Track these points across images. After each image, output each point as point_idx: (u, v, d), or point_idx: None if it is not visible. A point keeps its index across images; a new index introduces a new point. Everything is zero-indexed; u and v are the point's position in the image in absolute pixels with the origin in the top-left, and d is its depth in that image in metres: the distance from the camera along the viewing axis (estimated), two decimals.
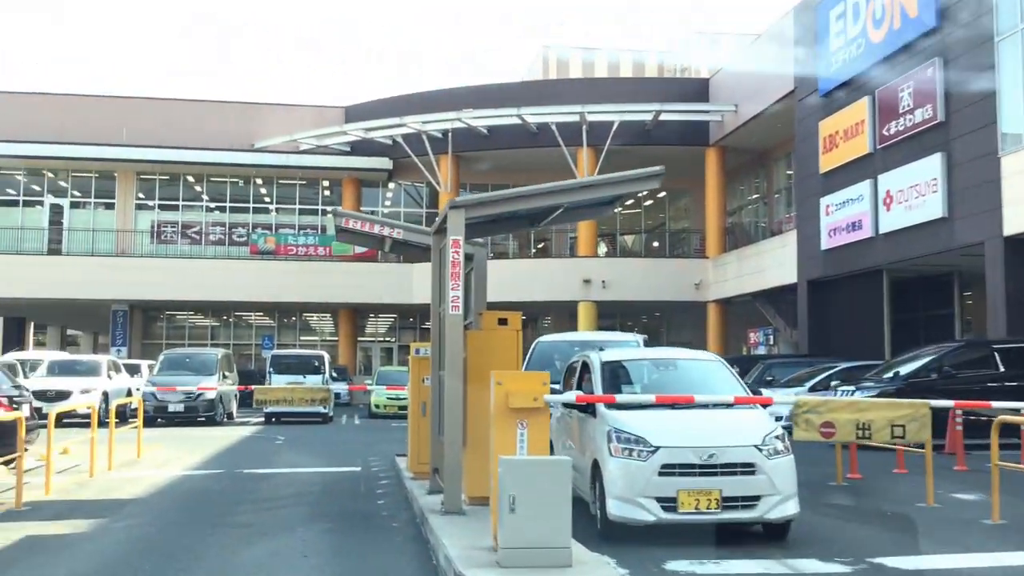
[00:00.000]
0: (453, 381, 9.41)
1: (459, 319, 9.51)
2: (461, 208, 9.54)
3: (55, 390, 23.09)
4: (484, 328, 10.26)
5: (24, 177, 37.38)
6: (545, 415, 7.61)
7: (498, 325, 10.21)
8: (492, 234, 17.55)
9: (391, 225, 12.03)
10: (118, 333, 37.14)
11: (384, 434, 21.57)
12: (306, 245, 37.02)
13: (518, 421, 7.53)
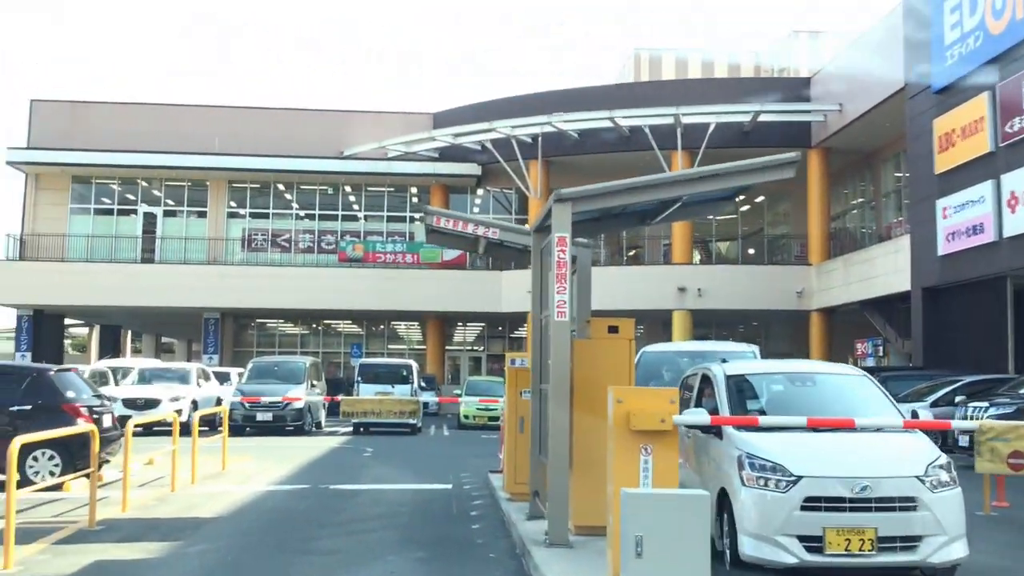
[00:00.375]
0: (558, 396, 8.33)
1: (566, 326, 8.44)
2: (568, 202, 8.47)
3: (144, 398, 22.77)
4: (592, 337, 9.18)
5: (119, 186, 37.65)
6: (674, 440, 6.48)
7: (608, 333, 9.10)
8: (599, 233, 16.29)
9: (486, 224, 11.02)
10: (210, 341, 37.08)
11: (474, 447, 20.61)
12: (394, 252, 36.43)
13: (641, 446, 6.41)
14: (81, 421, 13.14)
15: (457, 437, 23.90)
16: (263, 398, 22.82)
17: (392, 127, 37.27)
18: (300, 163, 36.43)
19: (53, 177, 36.95)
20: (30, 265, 35.28)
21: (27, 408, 12.95)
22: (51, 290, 34.67)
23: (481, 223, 11.03)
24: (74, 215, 37.31)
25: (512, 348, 40.24)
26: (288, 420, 22.81)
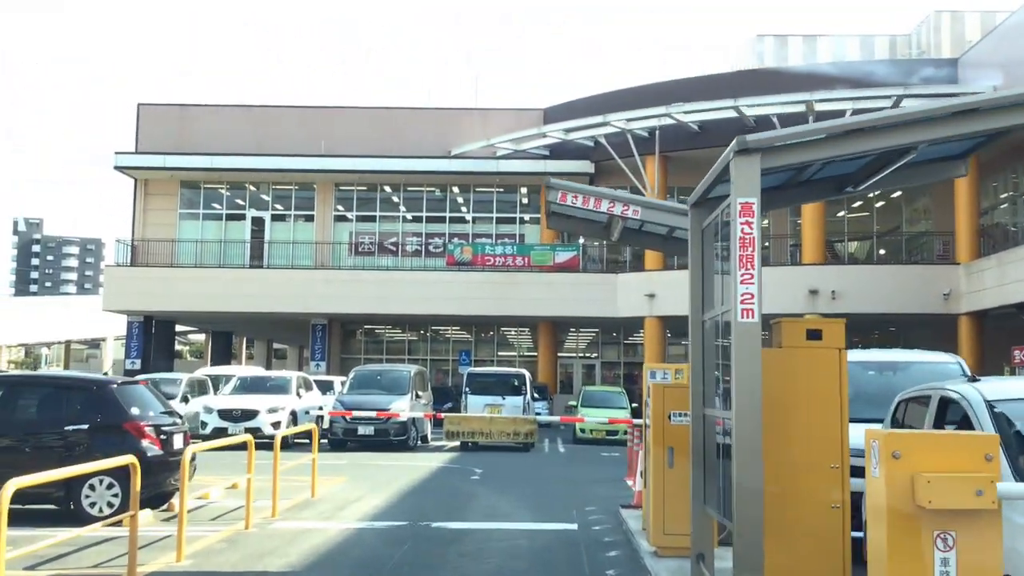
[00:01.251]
0: (748, 432, 5.62)
1: (754, 331, 5.76)
2: (755, 154, 5.78)
3: (241, 409, 20.88)
4: (784, 344, 6.44)
5: (226, 191, 36.37)
6: (995, 524, 3.69)
7: (807, 340, 6.37)
8: (774, 207, 13.02)
9: (624, 200, 8.37)
10: (317, 347, 35.41)
11: (596, 468, 17.94)
12: (504, 255, 34.06)
13: (937, 534, 3.67)
14: (146, 442, 11.05)
15: (574, 454, 21.28)
16: (364, 410, 20.66)
17: (501, 125, 34.99)
18: (407, 163, 34.46)
19: (161, 182, 35.90)
20: (140, 271, 34.26)
21: (83, 428, 10.90)
22: (160, 296, 33.54)
23: (618, 199, 8.38)
24: (183, 220, 36.17)
25: (627, 355, 37.47)
26: (391, 434, 20.59)
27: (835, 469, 6.21)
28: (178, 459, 11.35)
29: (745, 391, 5.69)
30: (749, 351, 5.73)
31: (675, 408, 8.48)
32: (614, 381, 36.91)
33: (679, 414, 8.44)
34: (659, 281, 32.61)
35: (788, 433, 6.19)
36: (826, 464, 6.20)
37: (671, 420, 8.56)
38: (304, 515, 11.55)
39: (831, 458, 6.21)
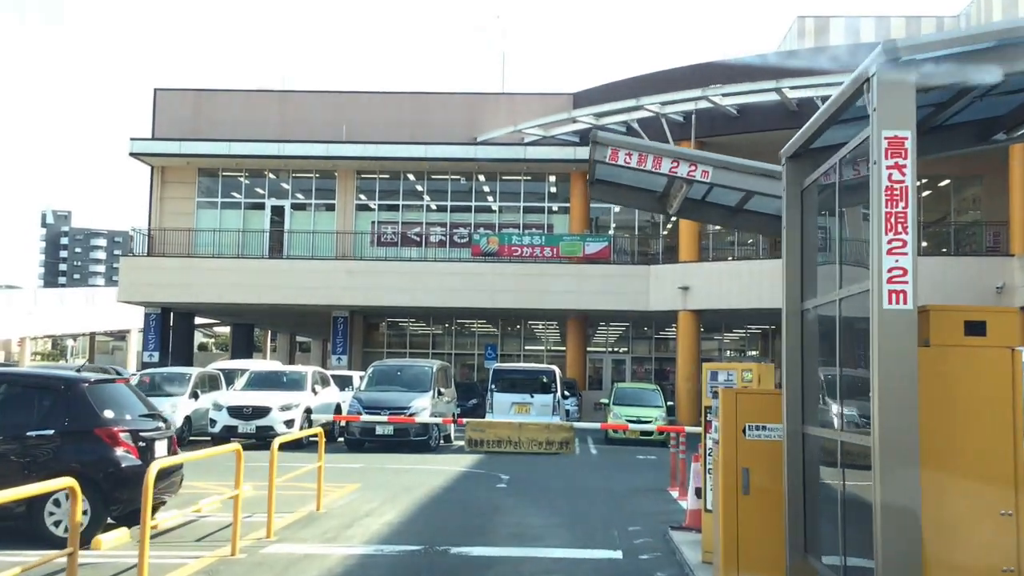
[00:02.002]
0: (897, 464, 3.82)
1: (908, 322, 3.95)
2: (910, 68, 3.95)
3: (252, 406, 19.27)
4: (933, 341, 4.65)
5: (245, 179, 34.82)
6: None
7: (965, 337, 4.56)
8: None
9: (692, 159, 6.57)
10: (338, 341, 33.80)
11: (633, 474, 16.15)
12: (531, 246, 32.26)
13: None
14: (121, 450, 9.40)
15: (607, 456, 19.48)
16: (384, 409, 18.99)
17: (529, 110, 33.18)
18: (431, 150, 32.73)
19: (178, 170, 34.40)
20: (157, 261, 32.78)
21: (48, 433, 9.25)
22: (178, 287, 32.06)
23: (685, 156, 6.59)
24: (200, 209, 34.65)
25: (659, 350, 35.59)
26: (411, 434, 18.87)
27: (1008, 517, 4.40)
28: (164, 470, 9.69)
29: (893, 406, 3.91)
30: (899, 349, 3.94)
31: (753, 420, 6.69)
32: (644, 377, 35.07)
33: (758, 427, 6.65)
34: (694, 273, 30.71)
35: (939, 468, 4.38)
36: (995, 511, 4.39)
37: (746, 435, 6.76)
38: (304, 535, 9.86)
39: (1002, 502, 4.40)
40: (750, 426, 6.72)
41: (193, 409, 20.28)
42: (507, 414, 19.37)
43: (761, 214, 7.73)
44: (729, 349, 36.45)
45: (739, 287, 29.98)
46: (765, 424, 6.67)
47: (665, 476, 15.28)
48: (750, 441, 6.71)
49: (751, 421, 6.71)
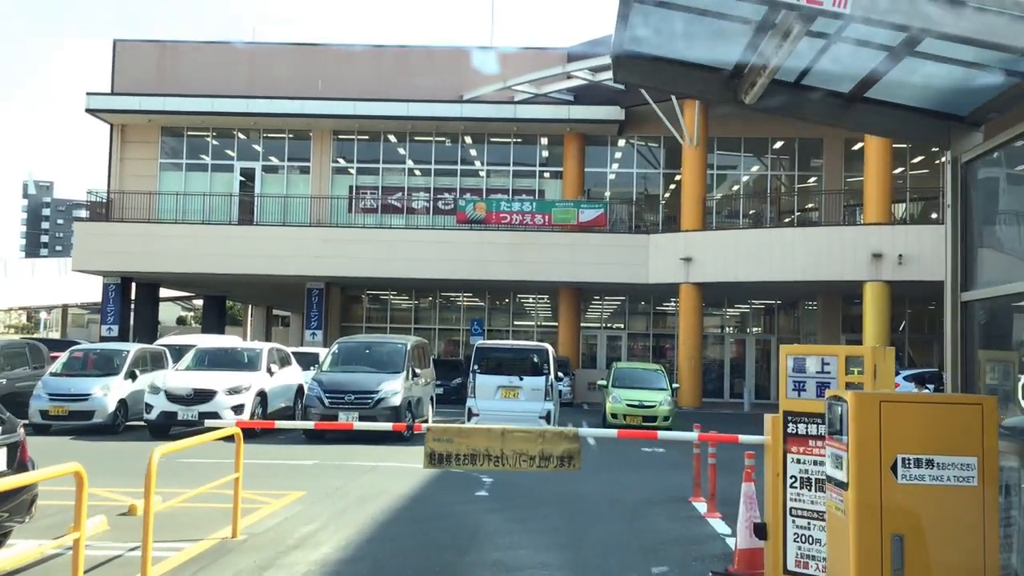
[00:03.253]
0: None
1: None
2: None
3: (194, 389, 16.17)
4: None
5: (213, 139, 31.59)
6: None
7: None
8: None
9: None
10: (313, 315, 30.73)
11: (643, 474, 13.18)
12: (521, 213, 29.19)
13: None
14: None
15: (608, 448, 16.55)
16: (348, 393, 16.00)
17: (520, 65, 29.97)
18: (413, 108, 29.56)
19: (140, 128, 31.14)
20: (115, 227, 29.58)
21: None
22: (139, 255, 28.91)
23: None
24: (164, 171, 31.46)
25: (656, 326, 32.65)
26: (379, 421, 15.91)
27: None
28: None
29: None
30: None
31: (913, 448, 3.68)
32: (641, 354, 32.14)
33: (924, 462, 3.64)
34: (697, 243, 27.72)
35: None
36: None
37: (898, 475, 3.75)
38: (223, 565, 6.84)
39: None
40: (907, 459, 3.72)
41: (129, 392, 17.24)
42: (491, 399, 16.41)
43: (895, 107, 4.74)
44: (729, 326, 33.53)
45: (746, 258, 27.00)
46: (934, 456, 3.67)
47: (681, 477, 12.35)
48: (907, 487, 3.71)
49: (909, 451, 3.71)
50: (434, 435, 6.71)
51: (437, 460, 6.65)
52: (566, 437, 6.70)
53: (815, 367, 5.45)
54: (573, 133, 30.38)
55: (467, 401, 16.53)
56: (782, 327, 32.99)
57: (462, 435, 6.70)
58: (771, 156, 31.57)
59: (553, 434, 6.72)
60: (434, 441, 6.67)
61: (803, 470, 5.47)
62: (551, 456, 6.62)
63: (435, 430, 6.79)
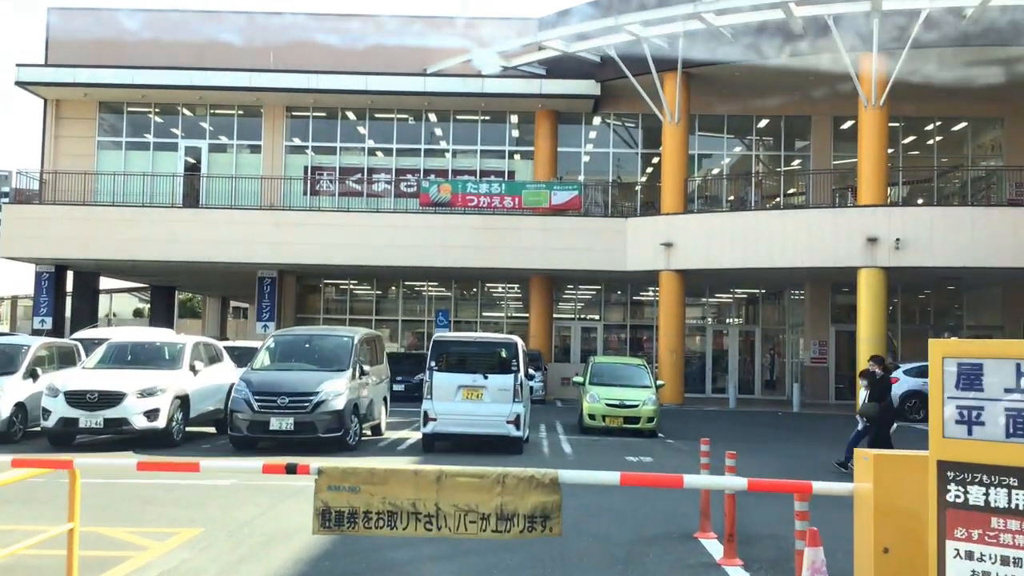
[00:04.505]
0: None
1: None
2: None
3: (99, 391, 13.46)
4: None
5: (156, 115, 28.70)
6: None
7: None
8: None
9: None
10: (265, 305, 28.00)
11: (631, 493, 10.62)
12: (489, 195, 26.61)
13: None
14: None
15: (587, 457, 14.08)
16: (282, 395, 13.37)
17: (488, 35, 27.33)
18: (373, 81, 26.88)
19: (76, 103, 28.20)
20: (48, 210, 26.63)
21: None
22: (74, 241, 26.03)
23: None
24: (103, 150, 28.55)
25: (634, 317, 30.23)
26: (319, 429, 13.39)
27: None
28: None
29: None
30: None
31: None
32: (619, 347, 29.70)
33: None
34: (679, 228, 25.29)
35: None
36: None
37: None
38: None
39: None
40: None
41: (30, 394, 14.51)
42: (451, 401, 13.83)
43: None
44: (710, 316, 31.16)
45: (731, 244, 24.61)
46: None
47: (680, 501, 9.88)
48: None
49: None
50: (329, 481, 4.17)
51: (333, 521, 4.10)
52: (538, 485, 4.16)
53: (1005, 380, 2.96)
54: (545, 110, 27.81)
55: (423, 403, 13.95)
56: (767, 317, 30.66)
57: (375, 481, 4.17)
58: (755, 137, 29.19)
59: (518, 480, 4.18)
60: (328, 491, 4.13)
61: (984, 574, 2.99)
62: (515, 514, 4.07)
63: (331, 474, 4.23)
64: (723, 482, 5.22)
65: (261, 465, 4.65)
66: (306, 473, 4.50)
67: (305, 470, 4.47)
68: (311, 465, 4.43)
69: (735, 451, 7.87)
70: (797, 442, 17.20)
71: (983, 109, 26.71)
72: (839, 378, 27.87)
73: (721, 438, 12.86)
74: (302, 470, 4.48)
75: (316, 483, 4.27)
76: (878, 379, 12.61)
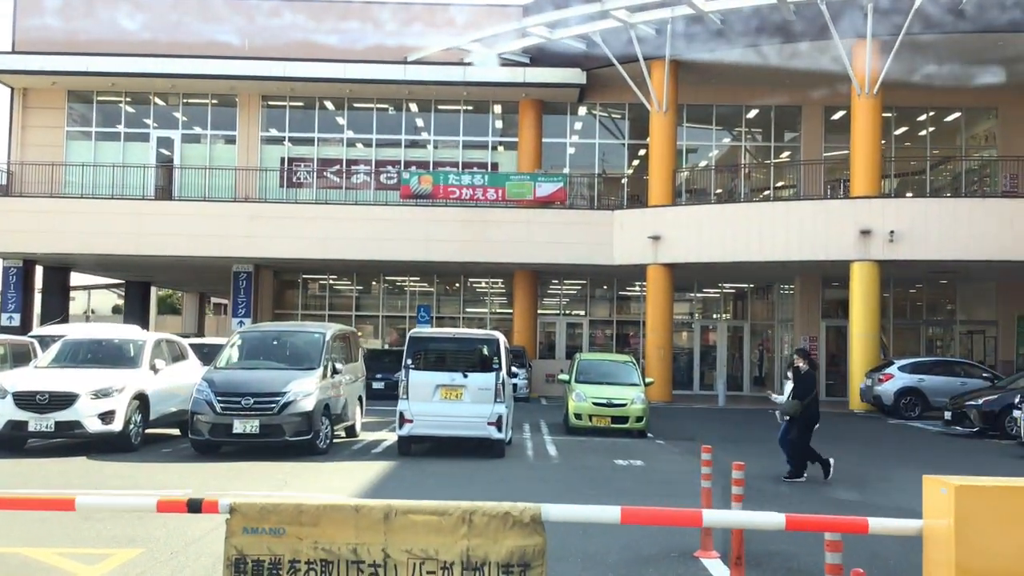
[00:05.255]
0: None
1: None
2: None
3: (50, 392, 12.40)
4: None
5: (127, 105, 27.55)
6: None
7: None
8: None
9: None
10: (240, 301, 26.92)
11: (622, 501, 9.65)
12: (472, 187, 25.63)
13: None
14: None
15: (572, 460, 13.14)
16: (246, 395, 12.37)
17: (471, 23, 26.34)
18: (352, 69, 25.83)
19: (44, 92, 27.04)
20: (15, 202, 25.51)
21: None
22: (43, 235, 24.91)
23: None
24: (72, 140, 27.39)
25: (620, 312, 29.33)
26: (286, 432, 12.40)
27: None
28: None
29: None
30: None
31: None
32: (605, 343, 28.79)
33: None
34: (667, 220, 24.41)
35: None
36: None
37: None
38: None
39: None
40: None
41: None
42: (428, 402, 12.85)
43: None
44: (698, 312, 30.29)
45: (721, 237, 23.76)
46: None
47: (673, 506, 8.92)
48: None
49: None
50: (245, 522, 3.22)
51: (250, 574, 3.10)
52: (516, 524, 3.19)
53: None
54: (529, 99, 26.83)
55: (398, 404, 12.97)
56: (755, 313, 29.82)
57: (304, 521, 3.21)
58: (744, 129, 28.31)
59: (489, 518, 3.21)
60: (244, 534, 3.17)
61: None
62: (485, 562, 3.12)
63: (247, 512, 3.26)
64: (753, 520, 4.19)
65: (155, 502, 3.65)
66: (213, 511, 3.53)
67: (212, 507, 3.50)
68: (220, 501, 3.46)
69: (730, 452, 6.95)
70: None
71: (977, 99, 25.93)
72: (830, 374, 27.05)
73: (715, 438, 11.99)
74: (208, 507, 3.50)
75: (228, 525, 3.32)
76: (803, 374, 11.64)
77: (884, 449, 15.81)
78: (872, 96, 22.29)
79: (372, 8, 27.40)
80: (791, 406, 11.47)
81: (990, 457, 14.74)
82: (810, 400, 11.49)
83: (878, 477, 12.26)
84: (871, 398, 21.67)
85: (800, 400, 11.42)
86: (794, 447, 11.40)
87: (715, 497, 7.74)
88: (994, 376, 21.21)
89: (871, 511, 9.84)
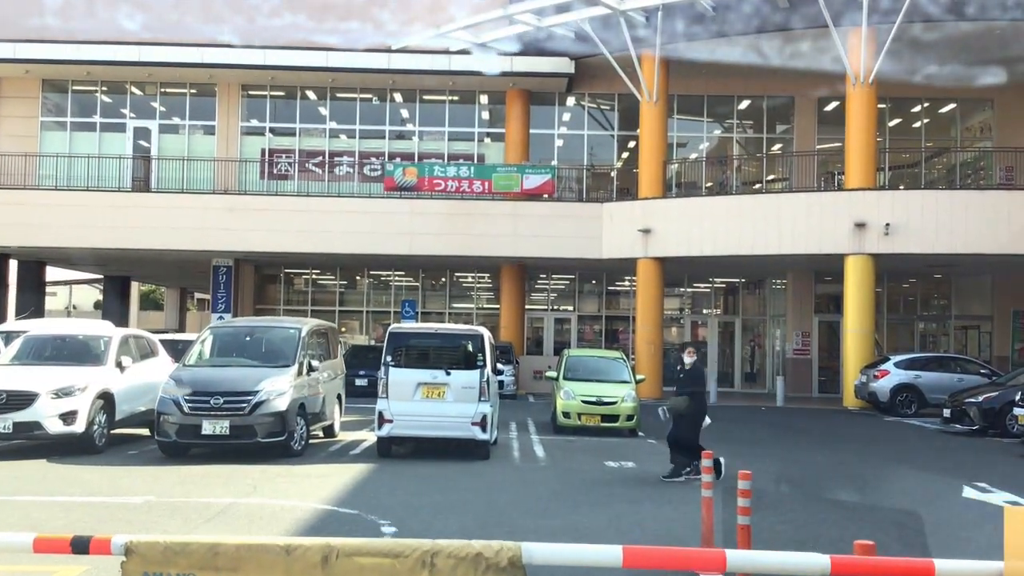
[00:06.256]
0: None
1: None
2: None
3: (7, 391, 11.72)
4: None
5: (103, 94, 26.71)
6: None
7: None
8: None
9: None
10: (220, 296, 26.14)
11: (615, 509, 9.01)
12: (457, 179, 24.90)
13: None
14: None
15: (560, 462, 12.50)
16: (216, 394, 11.66)
17: (458, 11, 25.55)
18: (334, 58, 25.05)
19: (17, 81, 26.17)
20: None
21: None
22: (15, 227, 24.09)
23: None
24: (46, 131, 26.51)
25: (609, 307, 28.69)
26: (258, 433, 11.71)
27: None
28: None
29: None
30: None
31: None
32: (594, 339, 28.15)
33: None
34: (658, 213, 23.77)
35: None
36: None
37: None
38: None
39: None
40: None
41: None
42: (409, 401, 12.16)
43: None
44: (688, 307, 29.67)
45: (713, 230, 23.13)
46: None
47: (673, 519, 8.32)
48: None
49: None
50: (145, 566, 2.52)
51: None
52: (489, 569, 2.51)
53: None
54: (516, 89, 26.14)
55: (377, 403, 12.29)
56: (747, 308, 29.21)
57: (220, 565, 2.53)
58: (736, 120, 27.70)
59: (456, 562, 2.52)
60: None
61: None
62: None
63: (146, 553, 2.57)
64: (786, 562, 3.46)
65: (32, 540, 2.95)
66: (105, 552, 2.83)
67: (104, 546, 2.80)
68: (113, 540, 2.77)
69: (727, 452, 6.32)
70: (790, 441, 15.71)
71: (973, 90, 25.37)
72: (822, 370, 26.51)
73: (710, 438, 11.38)
74: (98, 546, 2.81)
75: (123, 569, 2.64)
76: (689, 369, 11.08)
77: (882, 448, 15.24)
78: (867, 86, 21.70)
79: None
80: (677, 403, 10.92)
81: (992, 456, 14.19)
82: (696, 395, 10.99)
83: (878, 477, 11.69)
84: (866, 395, 21.10)
85: (686, 395, 10.90)
86: (678, 444, 10.82)
87: (716, 506, 7.09)
88: (992, 372, 20.68)
89: (872, 513, 9.25)
